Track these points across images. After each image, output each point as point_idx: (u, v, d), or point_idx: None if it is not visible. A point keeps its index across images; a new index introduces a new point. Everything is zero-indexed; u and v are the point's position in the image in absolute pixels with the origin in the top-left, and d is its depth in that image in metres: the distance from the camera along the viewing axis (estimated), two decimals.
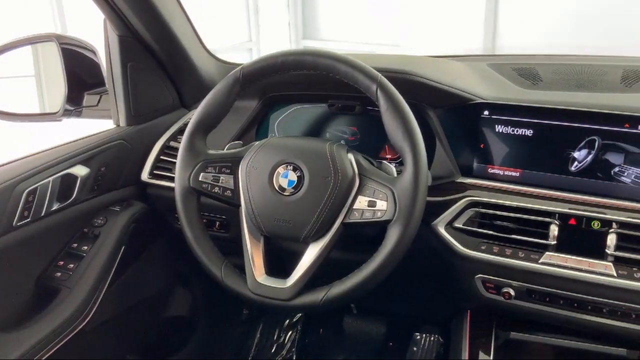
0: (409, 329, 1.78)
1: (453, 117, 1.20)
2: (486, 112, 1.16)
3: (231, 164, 1.08)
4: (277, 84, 1.32)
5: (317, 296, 0.99)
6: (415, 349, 1.71)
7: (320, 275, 1.01)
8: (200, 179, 1.07)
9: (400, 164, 1.24)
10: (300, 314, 1.88)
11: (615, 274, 1.01)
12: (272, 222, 1.02)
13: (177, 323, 1.67)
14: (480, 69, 1.37)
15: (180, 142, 1.11)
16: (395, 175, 1.03)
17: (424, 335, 1.72)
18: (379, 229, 1.03)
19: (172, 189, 1.10)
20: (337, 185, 0.98)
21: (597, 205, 1.06)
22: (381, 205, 0.97)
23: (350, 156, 1.03)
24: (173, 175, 1.11)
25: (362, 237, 1.19)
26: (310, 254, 1.01)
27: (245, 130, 1.38)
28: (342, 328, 1.83)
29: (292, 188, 1.01)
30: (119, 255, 1.30)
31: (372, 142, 1.32)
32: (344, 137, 1.34)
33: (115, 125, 1.41)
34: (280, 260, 1.09)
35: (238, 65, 1.11)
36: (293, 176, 1.01)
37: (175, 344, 1.67)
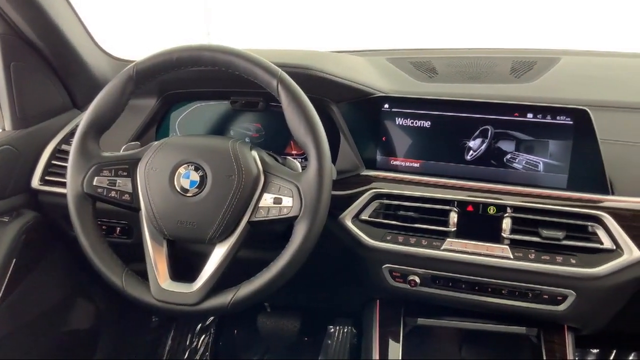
0: (323, 323, 1.79)
1: (355, 111, 1.22)
2: (386, 106, 1.19)
3: (128, 166, 1.03)
4: (176, 80, 1.27)
5: (225, 298, 0.97)
6: (329, 341, 1.73)
7: (228, 276, 0.99)
8: (94, 184, 1.02)
9: (306, 159, 1.24)
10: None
11: (511, 256, 1.07)
12: (175, 225, 0.99)
13: (79, 337, 1.58)
14: (380, 63, 1.40)
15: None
16: (300, 170, 1.02)
17: (337, 328, 1.75)
18: (287, 225, 1.03)
19: (66, 195, 1.04)
20: (242, 184, 0.97)
21: (492, 191, 1.12)
22: (287, 201, 0.96)
23: (254, 153, 1.01)
24: (66, 180, 1.04)
25: (270, 235, 1.18)
26: (217, 255, 0.98)
27: (143, 130, 1.32)
28: (256, 327, 1.82)
29: (195, 188, 0.98)
30: (10, 270, 1.21)
31: (277, 138, 1.31)
32: (248, 134, 1.32)
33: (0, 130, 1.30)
34: (187, 264, 1.06)
35: (133, 62, 1.06)
36: (195, 176, 0.98)
37: (79, 359, 1.58)
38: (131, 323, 1.75)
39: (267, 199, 0.97)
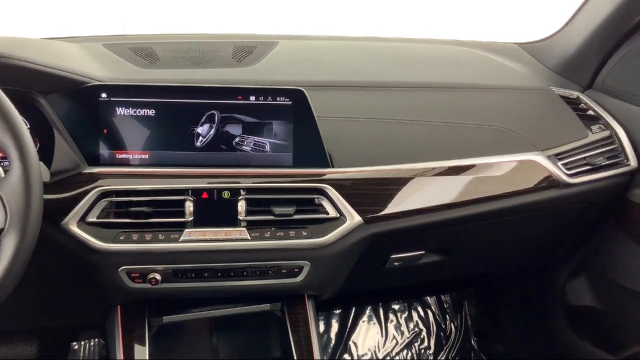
0: (66, 341, 1.62)
1: (69, 103, 1.09)
2: (104, 95, 1.09)
3: None
4: None
5: None
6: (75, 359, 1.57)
7: None
8: None
9: None
10: None
11: (249, 237, 1.08)
12: None
13: None
14: (95, 49, 1.29)
15: None
16: (3, 175, 0.88)
17: (82, 343, 1.59)
18: None
19: None
20: None
21: (225, 176, 1.11)
22: None
23: None
24: None
25: None
26: None
27: None
28: None
29: None
30: None
31: None
32: None
33: None
34: None
35: None
36: None
37: None
38: None
39: None
